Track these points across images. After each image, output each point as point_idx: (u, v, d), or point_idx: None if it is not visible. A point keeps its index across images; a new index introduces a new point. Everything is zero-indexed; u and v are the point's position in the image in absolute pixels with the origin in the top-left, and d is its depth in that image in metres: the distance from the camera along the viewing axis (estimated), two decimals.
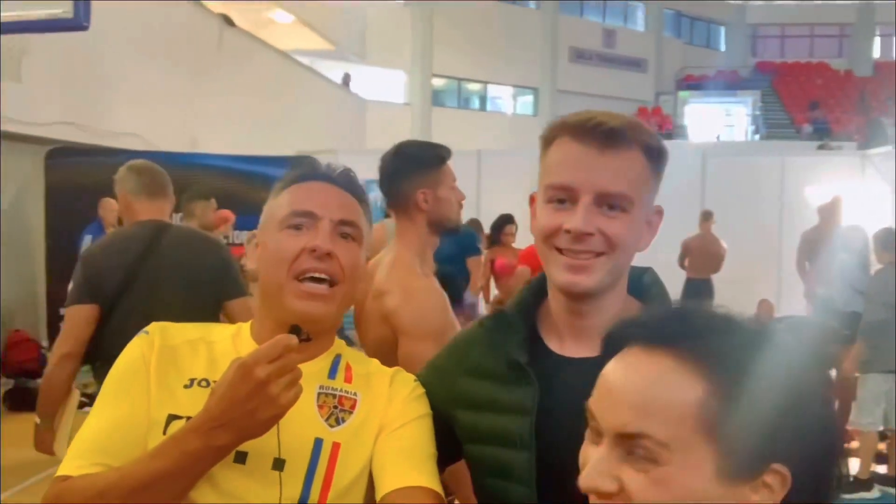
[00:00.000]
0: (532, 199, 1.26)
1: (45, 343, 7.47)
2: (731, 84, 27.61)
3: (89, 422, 1.20)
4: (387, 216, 4.54)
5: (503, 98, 25.65)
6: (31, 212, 8.25)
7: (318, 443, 1.19)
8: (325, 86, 16.49)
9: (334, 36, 17.51)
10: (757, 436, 0.76)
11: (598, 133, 1.15)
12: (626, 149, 1.16)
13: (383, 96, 21.46)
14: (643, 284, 1.29)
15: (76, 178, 7.62)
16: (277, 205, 1.29)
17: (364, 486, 1.21)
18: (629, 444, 0.77)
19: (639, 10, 27.78)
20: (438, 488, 1.18)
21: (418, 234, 2.19)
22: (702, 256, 8.52)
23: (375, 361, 1.35)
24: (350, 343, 1.45)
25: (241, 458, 1.15)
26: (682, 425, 0.75)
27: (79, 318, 2.92)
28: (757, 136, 24.78)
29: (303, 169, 1.33)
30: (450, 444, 1.28)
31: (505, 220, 7.23)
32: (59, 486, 1.13)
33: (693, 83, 28.00)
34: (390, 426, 1.23)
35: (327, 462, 1.18)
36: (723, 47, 30.58)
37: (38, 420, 3.00)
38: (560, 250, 1.17)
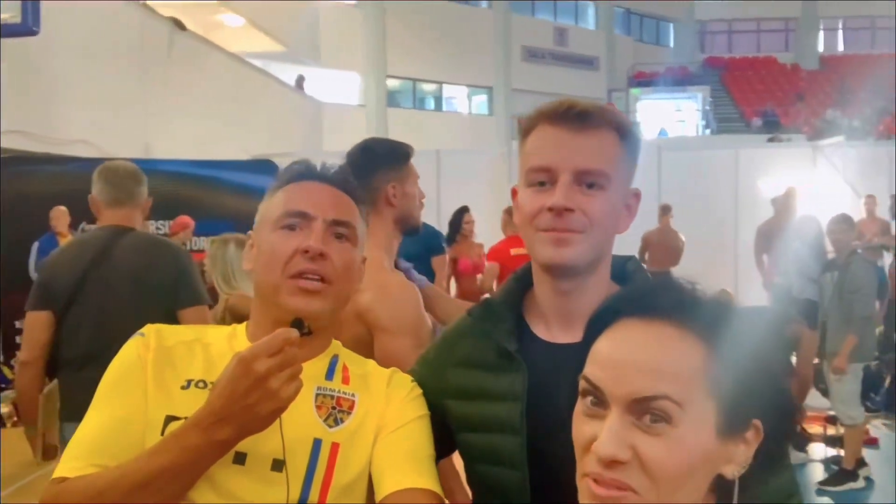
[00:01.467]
0: (514, 193, 1.29)
1: None
2: (681, 80, 28.01)
3: (85, 424, 1.19)
4: None
5: (458, 98, 25.70)
6: None
7: (317, 443, 1.18)
8: (278, 88, 16.33)
9: (286, 38, 17.37)
10: (744, 395, 0.83)
11: (571, 115, 1.21)
12: (599, 128, 1.21)
13: (338, 98, 21.36)
14: (627, 272, 1.33)
15: (27, 188, 7.42)
16: (272, 205, 1.28)
17: (364, 486, 1.21)
18: (643, 408, 0.80)
19: (589, 9, 28.06)
20: (438, 489, 1.19)
21: (385, 230, 2.17)
22: (661, 250, 8.63)
23: (371, 362, 1.35)
24: None
25: (241, 458, 1.15)
26: (691, 386, 0.81)
27: (33, 325, 2.93)
28: (708, 131, 25.18)
29: (297, 168, 1.32)
30: (442, 438, 1.29)
31: (462, 212, 7.24)
32: (57, 487, 1.11)
33: (644, 80, 28.37)
34: (388, 427, 1.23)
35: (326, 462, 1.17)
36: (672, 44, 31.05)
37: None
38: (543, 230, 1.21)
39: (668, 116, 26.02)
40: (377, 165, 2.16)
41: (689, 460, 0.80)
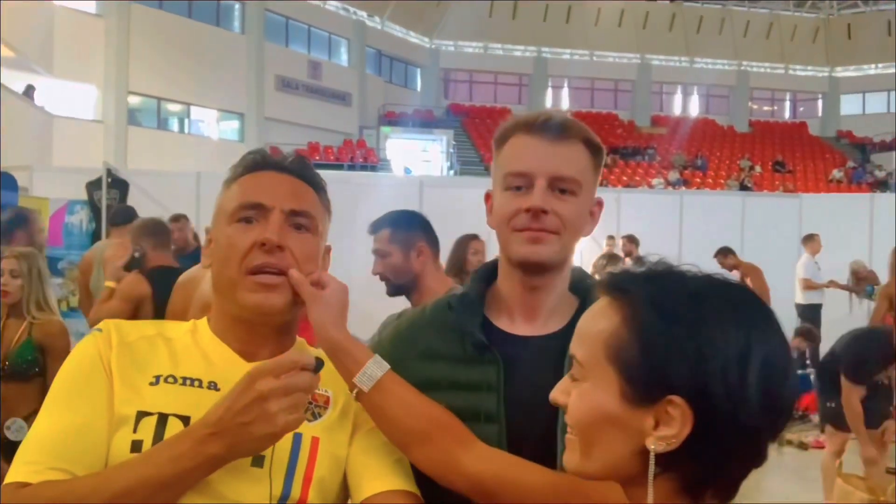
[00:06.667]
0: (487, 197, 1.39)
1: None
2: (427, 122, 29.37)
3: (39, 425, 1.09)
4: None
5: (207, 121, 24.70)
6: None
7: (298, 438, 1.16)
8: (4, 96, 14.71)
9: (15, 42, 15.75)
10: (650, 366, 0.84)
11: (549, 126, 1.32)
12: (573, 141, 1.33)
13: (73, 112, 19.65)
14: (576, 282, 1.41)
15: None
16: (228, 197, 1.25)
17: (342, 482, 1.20)
18: (572, 366, 0.93)
19: (342, 46, 28.51)
20: (416, 489, 1.20)
21: None
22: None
23: None
24: None
25: None
26: (594, 350, 0.89)
27: None
28: (452, 172, 26.52)
29: (253, 158, 1.28)
30: None
31: None
32: (20, 492, 1.03)
33: (394, 119, 29.36)
34: (364, 426, 1.23)
35: (307, 457, 1.16)
36: (419, 88, 32.47)
37: None
38: (519, 230, 1.29)
39: (415, 156, 27.09)
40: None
41: (590, 413, 0.88)
